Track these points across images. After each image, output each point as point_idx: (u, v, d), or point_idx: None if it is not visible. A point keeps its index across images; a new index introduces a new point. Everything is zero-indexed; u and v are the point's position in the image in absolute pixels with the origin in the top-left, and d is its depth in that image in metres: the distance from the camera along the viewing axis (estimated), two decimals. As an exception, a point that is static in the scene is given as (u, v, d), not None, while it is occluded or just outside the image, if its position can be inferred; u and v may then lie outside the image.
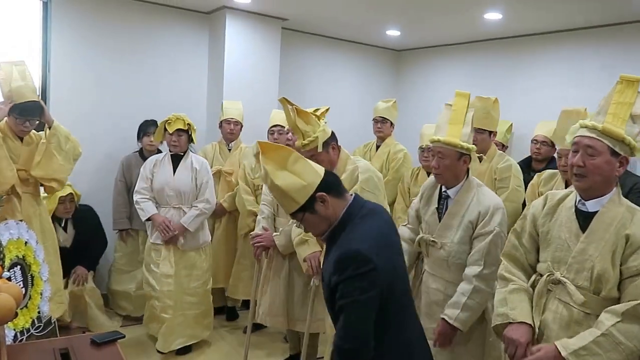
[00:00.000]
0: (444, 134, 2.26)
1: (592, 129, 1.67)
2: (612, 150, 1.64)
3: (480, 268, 2.17)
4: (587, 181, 1.67)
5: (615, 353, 1.54)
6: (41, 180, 3.04)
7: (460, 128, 2.26)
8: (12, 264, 2.44)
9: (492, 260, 2.16)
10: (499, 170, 3.26)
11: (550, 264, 1.75)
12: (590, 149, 1.65)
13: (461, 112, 2.28)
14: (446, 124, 2.27)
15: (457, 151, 2.24)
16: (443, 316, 2.19)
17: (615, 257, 1.62)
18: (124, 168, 3.92)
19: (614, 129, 1.64)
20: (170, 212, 3.42)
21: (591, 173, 1.65)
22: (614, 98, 1.69)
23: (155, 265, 3.39)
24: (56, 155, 3.00)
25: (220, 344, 3.66)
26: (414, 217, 2.49)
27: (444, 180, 2.31)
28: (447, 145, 2.24)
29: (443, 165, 2.26)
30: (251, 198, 3.70)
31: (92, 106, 4.06)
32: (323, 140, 2.49)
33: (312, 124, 2.49)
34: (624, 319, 1.55)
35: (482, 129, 3.28)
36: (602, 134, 1.65)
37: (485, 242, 2.18)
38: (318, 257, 2.58)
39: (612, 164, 1.65)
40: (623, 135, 1.63)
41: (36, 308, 2.54)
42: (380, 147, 4.06)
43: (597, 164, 1.64)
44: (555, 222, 1.77)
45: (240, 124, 4.03)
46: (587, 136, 1.67)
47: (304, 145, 2.52)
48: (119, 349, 2.09)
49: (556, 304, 1.71)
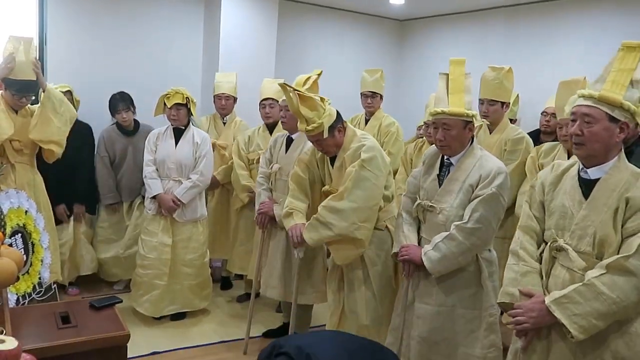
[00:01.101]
0: (447, 105, 2.21)
1: (589, 97, 1.66)
2: (610, 116, 1.63)
3: (464, 221, 2.16)
4: (586, 149, 1.67)
5: (596, 302, 1.56)
6: (40, 143, 3.08)
7: (462, 96, 2.22)
8: (13, 232, 2.52)
9: (478, 217, 2.13)
10: (510, 141, 3.18)
11: (553, 231, 1.76)
12: (587, 117, 1.65)
13: (460, 80, 2.24)
14: (446, 94, 2.23)
15: (462, 120, 2.21)
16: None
17: (617, 221, 1.62)
18: (106, 142, 3.88)
19: (610, 95, 1.63)
20: (169, 184, 3.47)
21: (589, 141, 1.65)
22: (614, 65, 1.67)
23: (152, 234, 3.47)
24: (52, 118, 3.03)
25: (215, 313, 3.77)
26: (414, 185, 2.44)
27: (451, 151, 2.26)
28: (452, 116, 2.19)
29: (450, 137, 2.22)
30: (245, 173, 3.75)
31: (87, 80, 4.07)
32: (329, 125, 2.47)
33: (317, 109, 2.46)
34: (608, 271, 1.57)
35: (495, 99, 3.21)
36: (599, 101, 1.64)
37: (477, 199, 2.16)
38: (300, 229, 2.59)
39: (610, 130, 1.64)
40: (620, 100, 1.62)
41: (37, 274, 2.63)
42: (369, 121, 3.99)
43: (595, 132, 1.64)
44: (559, 190, 1.78)
45: (233, 98, 4.01)
46: (584, 105, 1.67)
47: (308, 131, 2.52)
48: (117, 312, 2.19)
49: (559, 270, 1.73)
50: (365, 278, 2.61)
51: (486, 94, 3.25)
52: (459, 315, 2.25)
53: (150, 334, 3.35)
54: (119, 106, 3.81)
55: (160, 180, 3.48)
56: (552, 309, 1.62)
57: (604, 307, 1.56)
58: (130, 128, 3.92)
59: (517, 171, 3.13)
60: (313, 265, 3.04)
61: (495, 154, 3.13)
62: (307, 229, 2.55)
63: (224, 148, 3.98)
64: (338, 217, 2.44)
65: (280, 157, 3.16)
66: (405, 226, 2.40)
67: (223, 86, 3.98)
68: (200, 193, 3.57)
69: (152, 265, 3.44)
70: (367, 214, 2.47)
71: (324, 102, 2.51)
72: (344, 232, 2.45)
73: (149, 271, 3.44)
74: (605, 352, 1.62)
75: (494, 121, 3.26)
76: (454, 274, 2.24)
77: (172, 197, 3.41)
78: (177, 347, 3.22)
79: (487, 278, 2.23)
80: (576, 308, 1.58)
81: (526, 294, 1.73)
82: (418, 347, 2.30)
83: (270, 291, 3.12)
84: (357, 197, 2.44)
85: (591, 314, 1.57)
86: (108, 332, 2.02)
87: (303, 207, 2.73)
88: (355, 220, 2.44)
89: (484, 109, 3.26)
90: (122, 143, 3.89)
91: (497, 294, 2.26)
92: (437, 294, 2.26)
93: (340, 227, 2.44)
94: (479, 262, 2.23)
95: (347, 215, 2.43)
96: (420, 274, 2.31)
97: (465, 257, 2.19)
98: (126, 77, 4.19)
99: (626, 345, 1.61)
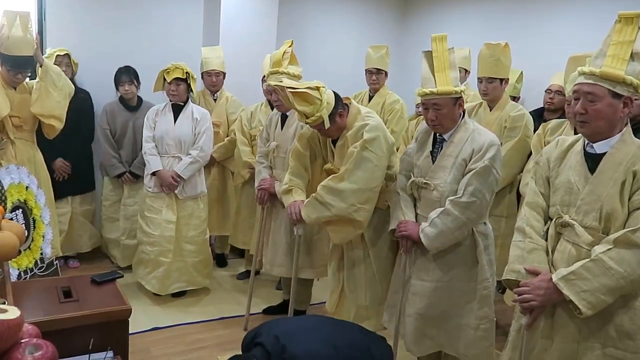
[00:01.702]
0: (434, 85, 2.20)
1: (590, 74, 1.64)
2: (613, 92, 1.61)
3: (458, 195, 2.16)
4: (591, 127, 1.66)
5: (604, 278, 1.56)
6: (41, 117, 3.07)
7: (448, 73, 2.19)
8: (14, 207, 2.53)
9: (473, 191, 2.13)
10: (510, 118, 3.15)
11: (558, 207, 1.75)
12: (590, 95, 1.63)
13: (444, 57, 2.20)
14: (431, 73, 2.21)
15: (452, 98, 2.19)
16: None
17: (624, 195, 1.61)
18: (108, 115, 3.87)
19: (611, 72, 1.60)
20: (169, 161, 3.47)
21: (593, 119, 1.64)
22: (613, 38, 1.64)
23: (156, 211, 3.47)
24: (52, 92, 3.03)
25: (216, 290, 3.80)
26: (408, 163, 2.44)
27: (443, 129, 2.25)
28: (441, 95, 2.18)
29: (441, 115, 2.20)
30: (247, 149, 3.75)
31: (86, 56, 4.02)
32: (328, 114, 2.44)
33: (313, 103, 2.42)
34: (616, 245, 1.57)
35: (493, 77, 3.16)
36: (601, 78, 1.62)
37: (470, 173, 2.15)
38: (299, 206, 2.58)
39: (614, 107, 1.62)
40: (622, 76, 1.59)
41: (39, 250, 2.64)
42: (373, 98, 3.94)
43: (599, 109, 1.63)
44: (565, 166, 1.77)
45: (223, 74, 3.96)
46: (585, 83, 1.64)
47: (309, 124, 2.48)
48: (118, 287, 2.20)
49: (564, 245, 1.72)
50: (365, 257, 2.61)
51: (484, 72, 3.21)
52: (455, 288, 2.27)
53: (151, 310, 3.38)
54: (123, 78, 3.81)
55: (159, 157, 3.47)
56: (560, 286, 1.61)
57: (612, 282, 1.56)
58: (132, 103, 3.90)
59: (516, 148, 3.09)
60: (317, 239, 3.05)
61: (495, 131, 3.09)
62: (305, 207, 2.54)
63: (217, 126, 3.95)
64: (337, 198, 2.43)
65: (277, 135, 3.16)
66: (402, 203, 2.39)
67: (212, 62, 3.92)
68: (200, 169, 3.57)
69: (157, 243, 3.45)
70: (368, 195, 2.45)
71: (319, 90, 2.45)
72: (343, 213, 2.44)
73: (155, 248, 3.46)
74: (609, 327, 1.63)
75: (494, 98, 3.23)
76: (451, 249, 2.25)
77: (172, 174, 3.41)
78: (179, 322, 3.25)
79: (482, 252, 2.24)
80: (584, 284, 1.58)
81: (532, 272, 1.72)
82: (415, 323, 2.32)
83: (277, 269, 3.13)
84: (358, 178, 2.41)
85: (599, 290, 1.57)
86: (109, 306, 2.04)
87: (302, 183, 2.72)
88: (354, 201, 2.42)
89: (483, 87, 3.23)
90: (124, 117, 3.87)
91: (492, 267, 2.29)
92: (434, 270, 2.28)
93: (338, 208, 2.43)
94: (475, 236, 2.24)
95: (346, 196, 2.42)
96: (418, 251, 2.32)
97: (461, 232, 2.20)
98: (126, 54, 4.14)
99: (630, 320, 1.62)
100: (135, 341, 2.87)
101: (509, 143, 3.11)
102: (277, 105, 3.14)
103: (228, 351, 2.92)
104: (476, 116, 3.28)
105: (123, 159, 3.89)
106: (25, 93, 3.06)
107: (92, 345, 1.60)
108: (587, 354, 1.65)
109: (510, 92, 3.93)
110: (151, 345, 2.94)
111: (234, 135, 3.89)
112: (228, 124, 4.04)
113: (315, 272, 3.09)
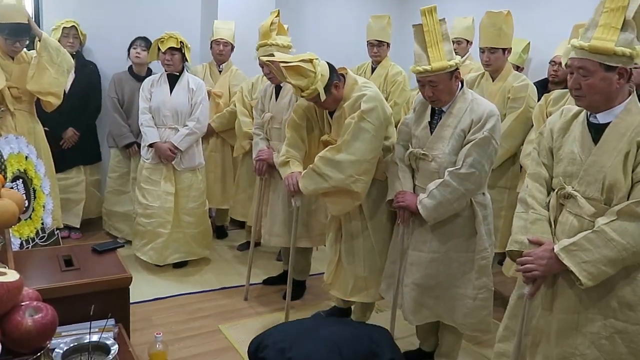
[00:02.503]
0: (427, 62, 2.13)
1: (580, 49, 1.60)
2: (606, 65, 1.57)
3: (457, 167, 2.14)
4: (586, 100, 1.63)
5: (606, 249, 1.55)
6: (38, 94, 3.05)
7: (441, 47, 2.14)
8: (14, 177, 2.53)
9: (472, 162, 2.12)
10: (513, 89, 3.07)
11: (561, 178, 1.73)
12: (582, 69, 1.60)
13: (435, 30, 2.14)
14: (424, 49, 2.15)
15: (447, 73, 2.14)
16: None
17: (628, 165, 1.58)
18: (116, 84, 3.86)
19: (600, 45, 1.56)
20: (166, 133, 3.45)
21: (588, 93, 1.61)
22: (605, 5, 1.57)
23: (153, 183, 3.47)
24: (49, 68, 3.00)
25: (216, 261, 3.83)
26: (406, 133, 2.41)
27: (442, 103, 2.21)
28: (436, 72, 2.13)
29: (438, 91, 2.17)
30: (248, 120, 3.71)
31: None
32: (323, 86, 2.40)
33: (307, 76, 2.37)
34: (619, 217, 1.55)
35: (495, 47, 3.07)
36: (590, 52, 1.57)
37: (469, 144, 2.13)
38: (296, 177, 2.57)
39: (608, 80, 1.58)
40: (613, 49, 1.54)
41: (39, 219, 2.66)
42: (376, 70, 3.88)
43: (592, 84, 1.59)
44: (569, 137, 1.74)
45: (231, 45, 3.95)
46: (577, 58, 1.62)
47: (303, 97, 2.45)
48: (119, 256, 2.22)
49: (566, 216, 1.71)
50: (363, 229, 2.61)
51: (486, 42, 3.13)
52: (452, 259, 2.27)
53: (152, 281, 3.42)
54: (137, 42, 3.80)
55: (156, 128, 3.45)
56: (562, 256, 1.61)
57: (614, 254, 1.55)
58: (142, 73, 3.88)
59: (520, 119, 3.05)
60: (314, 209, 3.05)
61: (498, 102, 3.06)
62: (303, 178, 2.53)
63: (219, 96, 3.93)
64: (335, 169, 2.42)
65: (271, 106, 3.14)
66: (400, 173, 2.38)
67: (222, 32, 3.90)
68: (197, 140, 3.55)
69: (156, 214, 3.46)
70: (365, 166, 2.44)
71: (313, 63, 2.40)
72: (340, 184, 2.43)
73: (153, 220, 3.47)
74: (611, 299, 1.62)
75: (497, 69, 3.16)
76: (449, 220, 2.25)
77: (169, 146, 3.40)
78: (180, 292, 3.28)
79: (481, 222, 2.23)
80: (586, 255, 1.57)
81: (535, 242, 1.72)
82: (412, 293, 2.34)
83: (275, 240, 3.14)
84: (356, 149, 2.39)
85: (600, 261, 1.56)
86: (110, 274, 2.07)
87: (299, 155, 2.71)
88: (352, 172, 2.41)
89: (485, 58, 3.15)
90: (131, 87, 3.83)
91: (491, 238, 2.29)
92: (432, 242, 2.28)
93: (336, 179, 2.42)
94: (473, 206, 2.24)
95: (344, 167, 2.40)
96: (415, 222, 2.32)
97: (460, 203, 2.19)
98: (123, 24, 4.09)
99: (632, 291, 1.61)
100: (137, 310, 2.92)
101: (512, 114, 3.06)
102: (270, 78, 3.11)
103: (229, 320, 2.97)
104: (479, 87, 3.23)
105: (131, 130, 3.85)
106: (24, 63, 3.03)
107: (93, 312, 1.61)
108: (587, 325, 1.65)
109: (515, 61, 3.86)
110: (153, 315, 2.98)
111: (234, 106, 3.86)
112: (230, 95, 4.02)
113: (313, 241, 3.11)
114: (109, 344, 1.64)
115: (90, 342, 1.63)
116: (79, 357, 1.66)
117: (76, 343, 1.65)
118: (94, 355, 1.65)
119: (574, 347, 1.66)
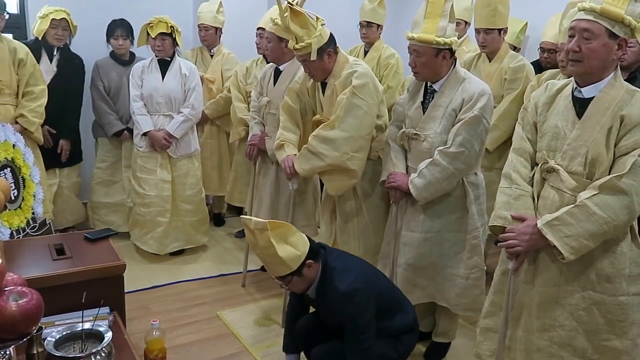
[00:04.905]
0: (419, 31, 2.13)
1: (590, 11, 1.58)
2: (610, 32, 1.56)
3: (447, 146, 2.14)
4: (583, 66, 1.61)
5: (588, 223, 1.56)
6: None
7: (437, 21, 2.12)
8: (1, 166, 2.48)
9: (461, 141, 2.11)
10: (510, 70, 3.04)
11: (545, 152, 1.73)
12: (586, 32, 1.58)
13: (439, 4, 2.14)
14: (422, 18, 2.15)
15: (433, 48, 2.13)
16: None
17: (610, 140, 1.60)
18: (100, 71, 3.66)
19: (612, 9, 1.54)
20: (160, 120, 3.39)
21: (587, 58, 1.59)
22: None
23: (149, 172, 3.41)
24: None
25: (214, 248, 3.79)
26: (400, 113, 2.40)
27: (422, 77, 2.22)
28: (421, 42, 2.12)
29: (420, 63, 2.16)
30: (243, 106, 3.65)
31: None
32: (318, 46, 2.36)
33: (307, 28, 2.35)
34: (601, 191, 1.56)
35: (490, 28, 3.04)
36: (600, 15, 1.56)
37: (460, 123, 2.13)
38: (292, 160, 2.54)
39: (609, 47, 1.58)
40: (622, 15, 1.53)
41: (30, 209, 2.61)
42: (368, 52, 3.80)
43: (593, 48, 1.58)
44: (553, 111, 1.74)
45: (214, 29, 3.84)
46: (584, 19, 1.60)
47: (296, 50, 2.41)
48: (112, 244, 2.18)
49: (548, 191, 1.72)
50: (357, 210, 2.60)
51: (481, 22, 3.09)
52: (444, 239, 2.27)
53: (150, 269, 3.38)
54: (117, 32, 3.58)
55: (149, 116, 3.38)
56: (545, 231, 1.62)
57: (596, 228, 1.56)
58: (125, 58, 3.71)
59: (517, 100, 3.00)
60: (304, 198, 3.02)
61: (495, 83, 3.03)
62: (298, 159, 2.51)
63: (211, 82, 3.85)
64: (329, 146, 2.39)
65: (269, 90, 3.07)
66: (392, 154, 2.37)
67: (203, 16, 3.80)
68: (192, 127, 3.50)
69: (154, 203, 3.41)
70: (360, 143, 2.42)
71: (318, 21, 2.39)
72: (336, 162, 2.41)
73: (151, 209, 3.41)
74: (590, 271, 1.65)
75: (493, 50, 3.13)
76: (440, 200, 2.24)
77: (163, 135, 3.34)
78: (177, 280, 3.26)
79: (472, 202, 2.22)
80: (568, 230, 1.58)
81: (518, 218, 1.72)
82: (405, 273, 2.33)
83: None
84: (349, 125, 2.37)
85: (582, 235, 1.57)
86: (103, 262, 2.03)
87: (294, 138, 2.68)
88: (347, 149, 2.39)
89: (481, 39, 3.12)
90: (117, 72, 3.67)
91: (483, 217, 2.28)
92: (424, 221, 2.27)
93: (331, 157, 2.40)
94: (465, 186, 2.23)
95: (338, 144, 2.38)
96: (407, 202, 2.31)
97: (449, 182, 2.18)
98: (114, 6, 3.97)
99: (611, 264, 1.63)
100: (134, 299, 2.89)
101: (510, 95, 3.03)
102: (267, 54, 3.04)
103: (227, 307, 2.95)
104: (475, 68, 3.20)
105: (120, 116, 3.67)
106: (4, 53, 2.90)
107: (85, 299, 1.58)
108: (566, 297, 1.67)
109: (512, 41, 3.80)
110: (150, 303, 2.96)
111: (227, 92, 3.79)
112: (222, 81, 3.94)
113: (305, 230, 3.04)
114: (102, 331, 1.61)
115: (82, 329, 1.60)
116: (72, 345, 1.63)
117: (69, 331, 1.62)
118: (87, 343, 1.61)
119: (554, 319, 1.69)
